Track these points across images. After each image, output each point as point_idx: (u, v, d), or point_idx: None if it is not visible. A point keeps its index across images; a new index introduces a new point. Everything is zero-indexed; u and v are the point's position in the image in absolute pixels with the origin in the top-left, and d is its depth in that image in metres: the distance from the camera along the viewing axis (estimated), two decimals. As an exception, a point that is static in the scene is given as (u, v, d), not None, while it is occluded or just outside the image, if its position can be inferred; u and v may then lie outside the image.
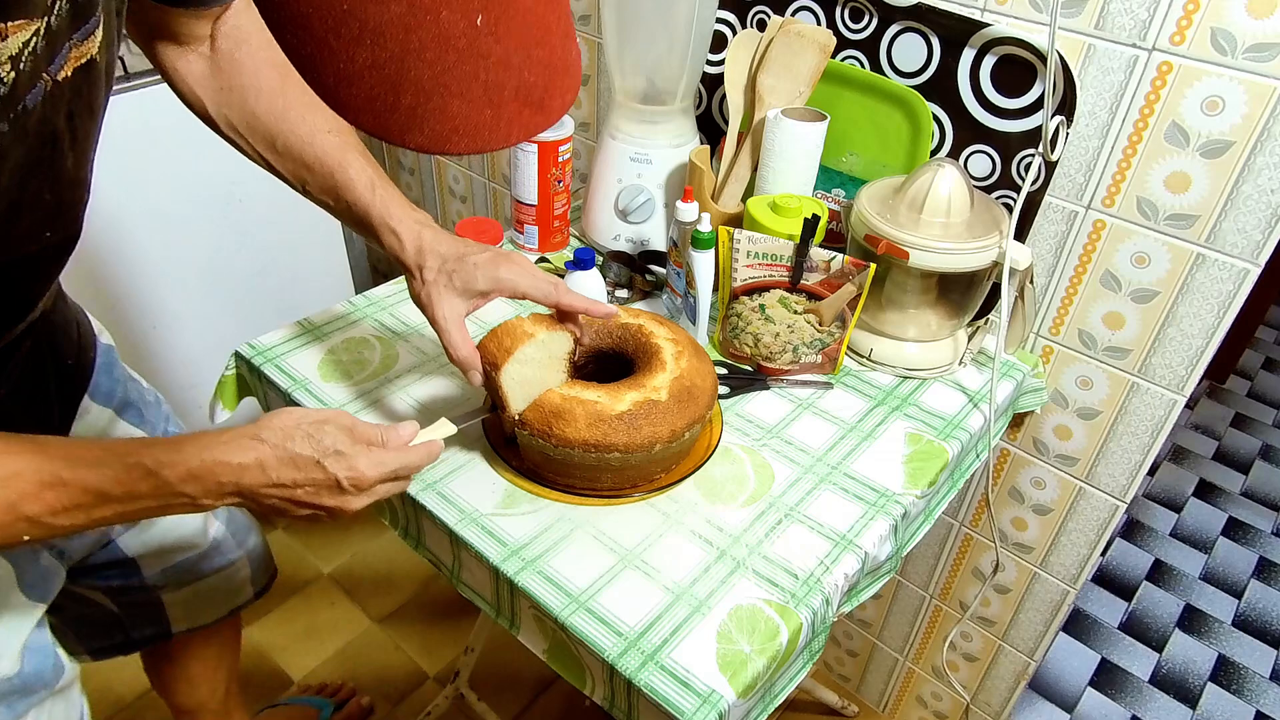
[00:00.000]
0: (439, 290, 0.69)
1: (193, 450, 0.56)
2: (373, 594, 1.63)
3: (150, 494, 0.55)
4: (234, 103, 0.70)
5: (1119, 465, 1.01)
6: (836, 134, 0.97)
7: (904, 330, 0.93)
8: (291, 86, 0.71)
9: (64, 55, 0.50)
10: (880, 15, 0.94)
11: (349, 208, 0.71)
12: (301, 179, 0.71)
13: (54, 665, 0.75)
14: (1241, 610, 1.75)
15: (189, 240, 1.40)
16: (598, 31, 1.25)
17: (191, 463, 0.55)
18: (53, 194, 0.56)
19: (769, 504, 0.76)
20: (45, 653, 0.74)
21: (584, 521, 0.74)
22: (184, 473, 0.55)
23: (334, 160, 0.70)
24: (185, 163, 1.32)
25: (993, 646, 1.26)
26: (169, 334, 1.44)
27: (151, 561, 0.93)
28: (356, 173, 0.70)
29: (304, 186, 0.72)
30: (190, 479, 0.55)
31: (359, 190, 0.70)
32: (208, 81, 0.70)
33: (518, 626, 0.73)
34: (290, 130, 0.70)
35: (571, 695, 1.48)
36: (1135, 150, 0.84)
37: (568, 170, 1.07)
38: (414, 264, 0.70)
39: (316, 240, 1.60)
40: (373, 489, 0.60)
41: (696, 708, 0.60)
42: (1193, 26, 0.77)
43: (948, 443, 0.85)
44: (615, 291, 1.03)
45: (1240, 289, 0.84)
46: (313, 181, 0.71)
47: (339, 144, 0.71)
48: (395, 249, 0.71)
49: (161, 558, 0.93)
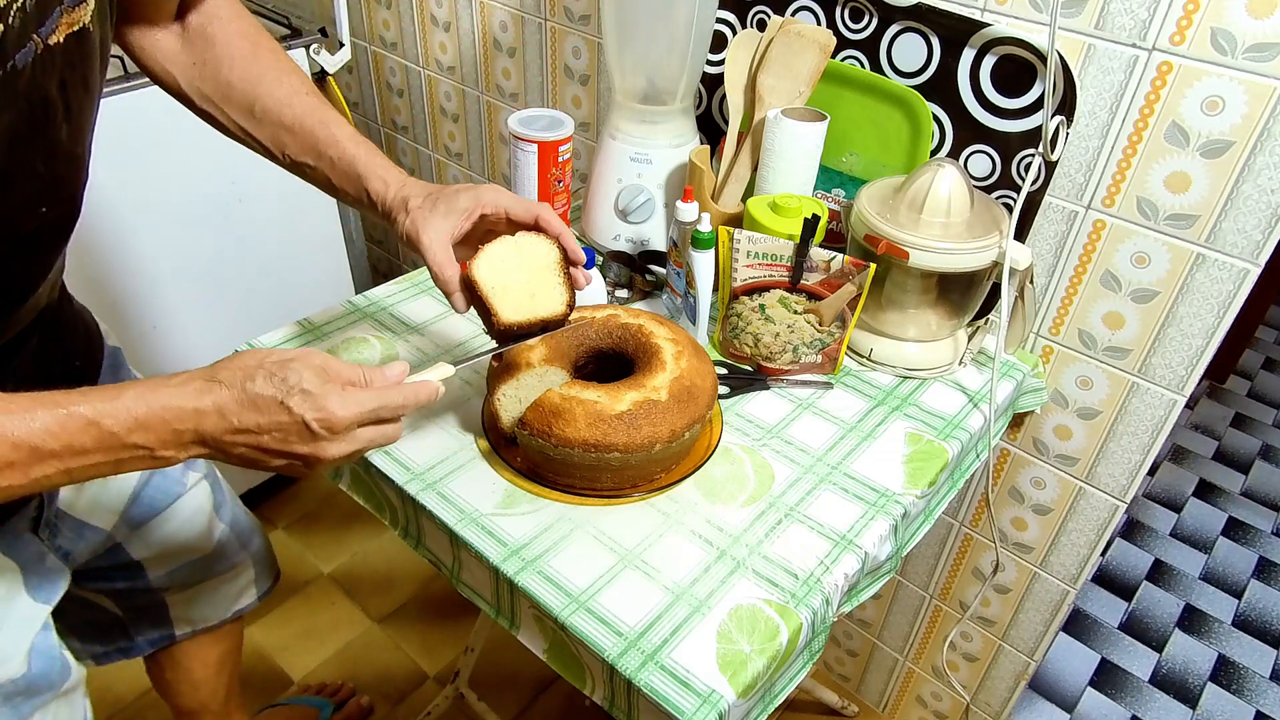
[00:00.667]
0: (424, 215, 0.67)
1: (136, 396, 0.51)
2: (373, 594, 1.63)
3: (96, 447, 0.51)
4: (207, 75, 0.70)
5: (1119, 465, 1.01)
6: (836, 134, 0.97)
7: (904, 330, 0.93)
8: (264, 53, 0.71)
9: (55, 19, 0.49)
10: (880, 15, 0.94)
11: (333, 163, 0.70)
12: (280, 143, 0.70)
13: (60, 667, 0.75)
14: (1241, 610, 1.75)
15: (189, 240, 1.40)
16: (598, 31, 1.25)
17: (137, 410, 0.51)
18: (46, 167, 0.55)
19: (769, 504, 0.76)
20: (51, 655, 0.74)
21: (584, 521, 0.74)
22: (130, 421, 0.51)
23: (315, 118, 0.70)
24: (185, 163, 1.32)
25: (993, 646, 1.26)
26: (169, 334, 1.44)
27: (158, 564, 0.92)
28: (339, 128, 0.70)
29: (283, 152, 0.71)
30: (139, 428, 0.51)
31: (344, 144, 0.70)
32: (179, 57, 0.70)
33: (518, 626, 0.73)
34: (267, 94, 0.69)
35: (571, 695, 1.48)
36: (1135, 150, 0.84)
37: (568, 170, 1.07)
38: (400, 198, 0.69)
39: (316, 240, 1.60)
40: (350, 433, 0.55)
41: (696, 708, 0.60)
42: (1193, 26, 0.77)
43: (948, 443, 0.85)
44: (615, 291, 1.03)
45: (1240, 289, 0.84)
46: (293, 143, 0.70)
47: (317, 103, 0.71)
48: (381, 192, 0.70)
49: (168, 560, 0.93)
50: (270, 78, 0.70)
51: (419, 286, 1.03)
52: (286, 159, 0.71)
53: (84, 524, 0.82)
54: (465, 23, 1.44)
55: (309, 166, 0.71)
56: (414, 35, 1.56)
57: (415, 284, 1.03)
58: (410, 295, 1.01)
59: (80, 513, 0.81)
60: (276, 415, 0.53)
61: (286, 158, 0.71)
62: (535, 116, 1.06)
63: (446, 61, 1.53)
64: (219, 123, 0.72)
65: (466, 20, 1.44)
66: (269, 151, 0.72)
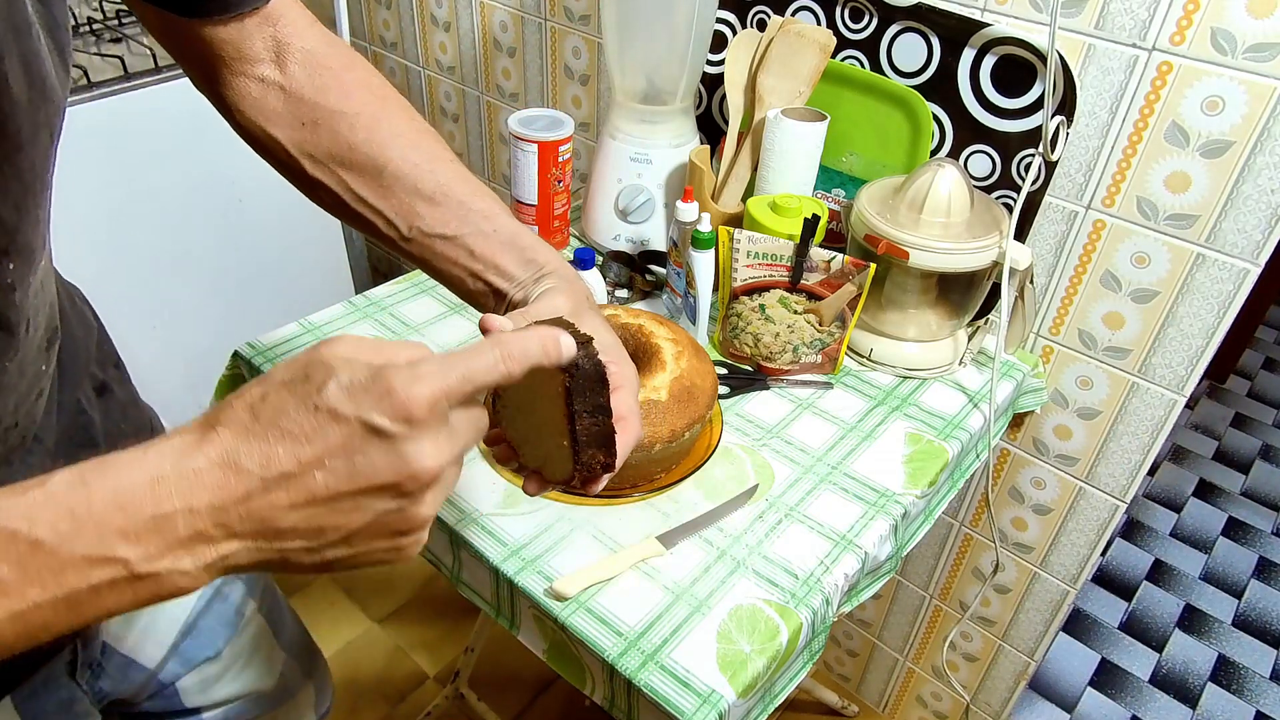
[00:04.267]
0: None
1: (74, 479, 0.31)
2: (373, 594, 1.63)
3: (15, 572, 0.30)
4: (322, 136, 0.57)
5: (1119, 465, 1.01)
6: (836, 134, 0.97)
7: (904, 330, 0.93)
8: (394, 109, 0.59)
9: None
10: (880, 15, 0.94)
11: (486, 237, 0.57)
12: (411, 216, 0.57)
13: None
14: (1241, 610, 1.75)
15: (189, 240, 1.40)
16: (598, 31, 1.25)
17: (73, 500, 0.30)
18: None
19: (769, 504, 0.76)
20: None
21: (584, 521, 0.74)
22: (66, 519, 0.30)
23: (464, 189, 0.57)
24: (185, 163, 1.32)
25: (993, 646, 1.26)
26: (169, 334, 1.44)
27: (213, 708, 0.77)
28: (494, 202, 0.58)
29: (410, 225, 0.57)
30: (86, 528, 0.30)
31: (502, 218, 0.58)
32: (283, 119, 0.57)
33: (518, 626, 0.73)
34: (401, 157, 0.57)
35: (571, 695, 1.48)
36: (1135, 150, 0.84)
37: (568, 170, 1.07)
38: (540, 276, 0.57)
39: (316, 240, 1.60)
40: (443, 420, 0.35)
41: (696, 708, 0.60)
42: (1193, 26, 0.77)
43: (948, 443, 0.85)
44: (615, 291, 1.03)
45: (1240, 289, 0.84)
46: (431, 216, 0.57)
47: (464, 173, 0.59)
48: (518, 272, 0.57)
49: (226, 704, 0.77)
50: (405, 141, 0.57)
51: (419, 286, 1.03)
52: (412, 238, 0.58)
53: (131, 660, 0.67)
54: (465, 23, 1.44)
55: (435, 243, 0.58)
56: (414, 35, 1.56)
57: (415, 284, 1.03)
58: (410, 295, 1.01)
59: (129, 648, 0.66)
60: (321, 432, 0.33)
61: (413, 235, 0.57)
62: (535, 116, 1.06)
63: (446, 61, 1.53)
64: (332, 194, 0.58)
65: (466, 20, 1.44)
66: (391, 231, 0.58)
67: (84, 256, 1.28)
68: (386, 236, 0.58)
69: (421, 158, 0.57)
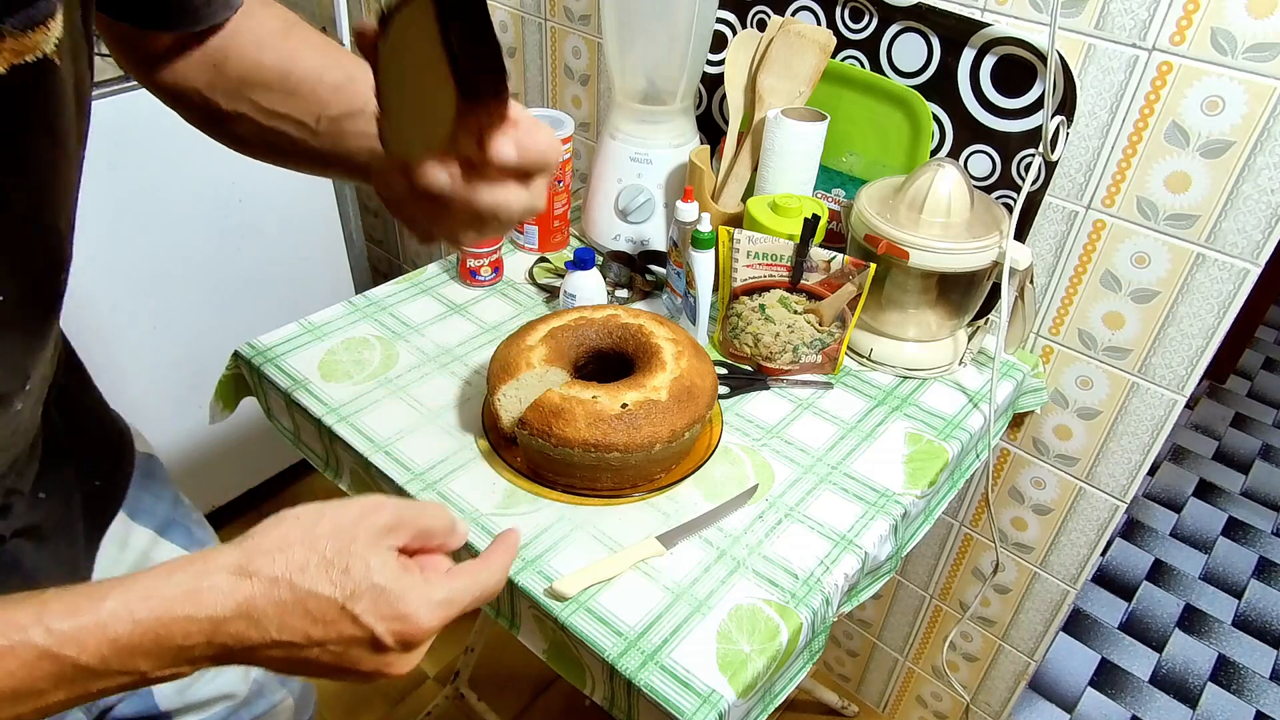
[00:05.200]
0: None
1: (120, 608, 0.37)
2: (373, 594, 1.63)
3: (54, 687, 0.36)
4: (231, 66, 0.58)
5: (1119, 465, 1.01)
6: (836, 134, 0.97)
7: (904, 330, 0.93)
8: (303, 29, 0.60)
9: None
10: (880, 15, 0.94)
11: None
12: (318, 106, 0.57)
13: None
14: (1241, 610, 1.75)
15: (189, 240, 1.40)
16: (598, 31, 1.25)
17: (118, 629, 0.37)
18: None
19: (769, 504, 0.76)
20: None
21: (584, 521, 0.74)
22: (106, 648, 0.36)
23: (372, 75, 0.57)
24: (185, 163, 1.32)
25: (993, 646, 1.26)
26: (169, 334, 1.44)
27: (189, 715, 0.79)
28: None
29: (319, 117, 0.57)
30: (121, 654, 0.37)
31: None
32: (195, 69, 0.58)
33: (518, 626, 0.73)
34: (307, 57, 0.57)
35: (571, 695, 1.48)
36: (1135, 150, 0.84)
37: (568, 170, 1.07)
38: None
39: (316, 240, 1.60)
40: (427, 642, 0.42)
41: (696, 708, 0.60)
42: (1193, 26, 0.77)
43: (948, 443, 0.85)
44: (615, 291, 1.03)
45: (1240, 289, 0.84)
46: (337, 100, 0.57)
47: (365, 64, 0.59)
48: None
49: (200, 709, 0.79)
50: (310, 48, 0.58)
51: (419, 286, 1.03)
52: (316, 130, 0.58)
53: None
54: (465, 23, 1.44)
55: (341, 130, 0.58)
56: (414, 35, 1.56)
57: (415, 284, 1.03)
58: (410, 295, 1.01)
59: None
60: (337, 625, 0.39)
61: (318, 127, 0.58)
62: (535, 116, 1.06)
63: (446, 61, 1.53)
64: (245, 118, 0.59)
65: (466, 20, 1.43)
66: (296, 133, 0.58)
67: (84, 257, 1.28)
68: (299, 143, 0.58)
69: (329, 59, 0.58)
